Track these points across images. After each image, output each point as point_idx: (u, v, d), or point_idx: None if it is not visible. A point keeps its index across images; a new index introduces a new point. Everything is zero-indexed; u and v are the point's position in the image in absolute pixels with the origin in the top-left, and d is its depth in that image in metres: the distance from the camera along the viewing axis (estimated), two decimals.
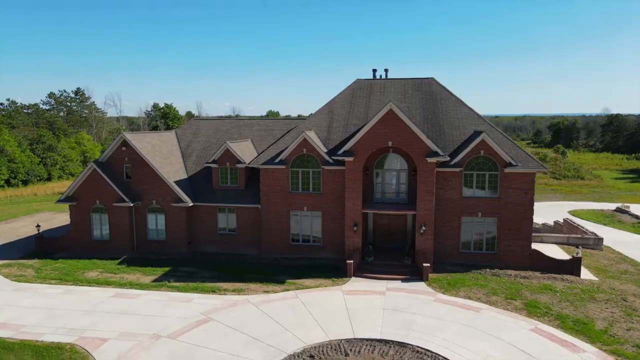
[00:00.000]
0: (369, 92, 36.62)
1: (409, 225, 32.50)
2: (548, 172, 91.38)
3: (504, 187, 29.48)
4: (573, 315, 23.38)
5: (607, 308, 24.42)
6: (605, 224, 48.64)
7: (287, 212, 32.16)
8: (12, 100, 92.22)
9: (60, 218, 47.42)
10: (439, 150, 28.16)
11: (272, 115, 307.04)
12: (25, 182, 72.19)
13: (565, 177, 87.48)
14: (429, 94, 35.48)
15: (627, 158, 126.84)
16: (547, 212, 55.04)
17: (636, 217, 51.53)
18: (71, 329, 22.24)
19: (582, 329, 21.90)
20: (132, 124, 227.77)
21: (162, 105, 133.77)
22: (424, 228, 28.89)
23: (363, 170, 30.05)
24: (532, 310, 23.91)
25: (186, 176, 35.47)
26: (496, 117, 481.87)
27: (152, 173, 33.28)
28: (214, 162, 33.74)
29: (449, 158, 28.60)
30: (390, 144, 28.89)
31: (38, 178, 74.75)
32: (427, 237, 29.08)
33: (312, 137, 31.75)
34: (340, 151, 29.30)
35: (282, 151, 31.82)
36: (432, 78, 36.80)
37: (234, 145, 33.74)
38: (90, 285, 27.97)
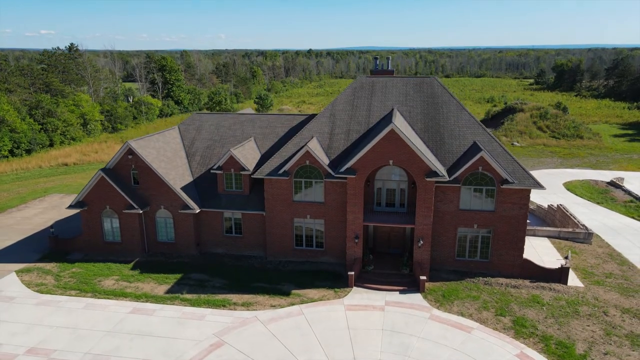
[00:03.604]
0: (371, 92, 36.64)
1: (408, 231, 33.99)
2: (547, 131, 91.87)
3: (500, 202, 30.61)
4: (556, 336, 25.44)
5: (588, 326, 26.45)
6: (598, 202, 50.17)
7: (291, 220, 33.51)
8: (6, 61, 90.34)
9: (70, 202, 48.71)
10: (438, 170, 28.98)
11: (270, 55, 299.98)
12: (28, 152, 72.89)
13: (564, 137, 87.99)
14: (430, 96, 35.57)
15: (628, 107, 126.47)
16: (542, 183, 56.25)
17: (629, 193, 52.96)
18: (97, 355, 24.32)
19: (563, 353, 24.01)
20: (127, 64, 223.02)
21: (155, 53, 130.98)
22: (421, 242, 30.37)
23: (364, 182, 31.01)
24: (519, 330, 25.95)
25: (192, 179, 36.41)
26: (500, 51, 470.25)
27: (159, 180, 34.22)
28: (218, 168, 34.55)
29: (447, 178, 29.43)
30: (391, 162, 29.64)
31: (40, 146, 75.29)
32: (425, 250, 30.65)
33: (315, 148, 32.37)
34: (343, 169, 30.09)
35: (286, 162, 32.58)
36: (433, 78, 36.70)
37: (237, 152, 34.39)
38: (108, 298, 29.90)
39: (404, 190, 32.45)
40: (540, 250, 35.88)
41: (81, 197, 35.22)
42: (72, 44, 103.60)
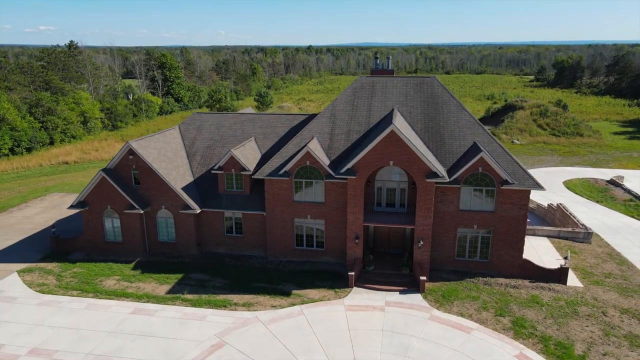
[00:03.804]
0: (371, 92, 36.67)
1: (408, 231, 34.12)
2: (547, 129, 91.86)
3: (500, 202, 30.70)
4: (555, 336, 25.58)
5: (587, 326, 26.59)
6: (598, 201, 50.24)
7: (292, 220, 33.62)
8: (6, 58, 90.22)
9: (70, 201, 48.85)
10: (438, 171, 29.07)
11: (270, 51, 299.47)
12: (29, 150, 72.94)
13: (565, 134, 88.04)
14: (430, 96, 35.61)
15: (629, 104, 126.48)
16: (542, 182, 56.35)
17: (628, 191, 53.03)
18: (99, 356, 24.47)
19: (562, 354, 24.15)
20: (127, 61, 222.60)
21: (154, 50, 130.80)
22: (421, 242, 30.49)
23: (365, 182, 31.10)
24: (519, 330, 26.09)
25: (192, 179, 36.49)
26: (500, 47, 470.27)
27: (160, 180, 34.30)
28: (219, 168, 34.63)
29: (448, 179, 29.53)
30: (391, 163, 29.72)
31: (41, 144, 75.32)
32: (425, 250, 30.77)
33: (315, 148, 32.44)
34: (343, 169, 30.18)
35: (286, 162, 32.66)
36: (434, 77, 36.73)
37: (238, 152, 34.46)
38: (110, 298, 30.04)
39: (404, 191, 32.56)
40: (539, 250, 36.01)
41: (82, 197, 35.32)
42: (71, 41, 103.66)
